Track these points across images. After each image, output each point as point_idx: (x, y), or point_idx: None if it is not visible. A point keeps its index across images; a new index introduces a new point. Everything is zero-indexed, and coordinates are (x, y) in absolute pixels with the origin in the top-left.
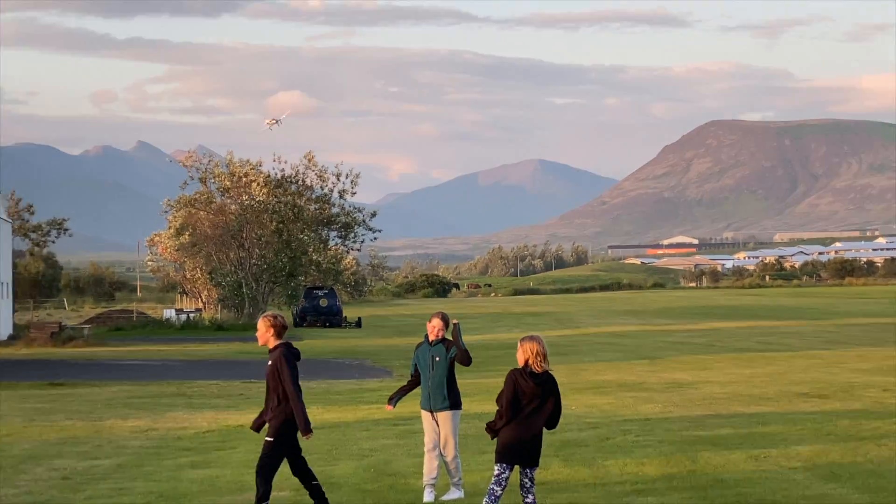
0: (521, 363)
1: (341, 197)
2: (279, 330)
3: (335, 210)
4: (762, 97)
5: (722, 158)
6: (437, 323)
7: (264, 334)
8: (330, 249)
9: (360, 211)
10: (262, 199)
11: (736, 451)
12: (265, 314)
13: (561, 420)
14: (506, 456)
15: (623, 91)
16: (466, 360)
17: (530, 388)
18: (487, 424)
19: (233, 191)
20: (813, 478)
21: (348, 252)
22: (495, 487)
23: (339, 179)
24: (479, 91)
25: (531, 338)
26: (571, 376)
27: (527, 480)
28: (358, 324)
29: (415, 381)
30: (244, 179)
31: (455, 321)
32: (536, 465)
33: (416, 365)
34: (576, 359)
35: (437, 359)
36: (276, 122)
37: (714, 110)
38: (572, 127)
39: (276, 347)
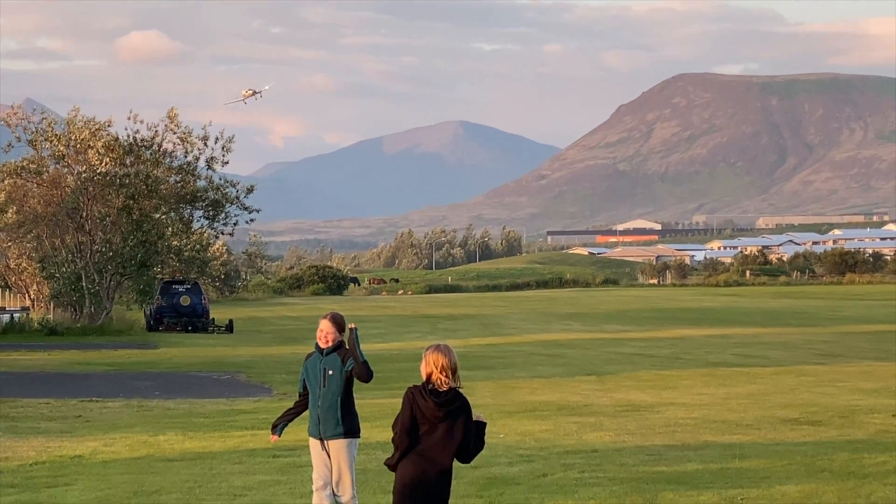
0: (424, 378)
1: (209, 167)
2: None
3: (201, 183)
4: (743, 45)
5: (692, 122)
6: (325, 326)
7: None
8: (194, 233)
9: (233, 185)
10: (105, 168)
11: (706, 492)
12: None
13: (484, 451)
14: (405, 498)
15: (568, 35)
16: (366, 375)
17: (430, 409)
18: (386, 461)
19: (70, 158)
20: None
21: (217, 237)
22: None
23: (206, 145)
24: (385, 34)
25: (436, 347)
26: (500, 396)
27: None
28: (229, 328)
29: (304, 402)
30: (80, 144)
31: (351, 325)
32: None
33: (304, 381)
34: (506, 374)
35: (331, 373)
36: (255, 94)
37: (683, 61)
38: (503, 81)
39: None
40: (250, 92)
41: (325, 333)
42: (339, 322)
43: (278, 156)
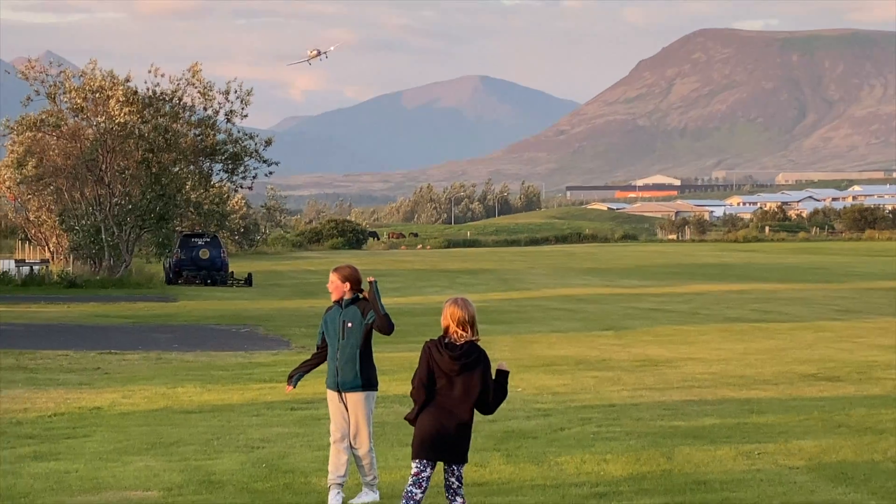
0: (443, 331)
1: (228, 120)
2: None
3: (221, 137)
4: (764, 1)
5: (712, 78)
6: (333, 279)
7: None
8: (213, 187)
9: (252, 138)
10: (124, 120)
11: (723, 447)
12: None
13: (502, 405)
14: (423, 451)
15: None
16: (387, 328)
17: (446, 363)
18: (406, 416)
19: (88, 110)
20: (819, 480)
21: (236, 190)
22: (413, 489)
23: (226, 98)
24: None
25: (454, 301)
26: (518, 350)
27: (453, 480)
28: (248, 281)
29: (322, 355)
30: (100, 96)
31: (371, 278)
32: (464, 461)
33: (323, 333)
34: (524, 328)
35: (350, 325)
36: (321, 54)
37: (703, 16)
38: (523, 36)
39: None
40: (315, 52)
41: (331, 286)
42: (344, 274)
43: (298, 110)
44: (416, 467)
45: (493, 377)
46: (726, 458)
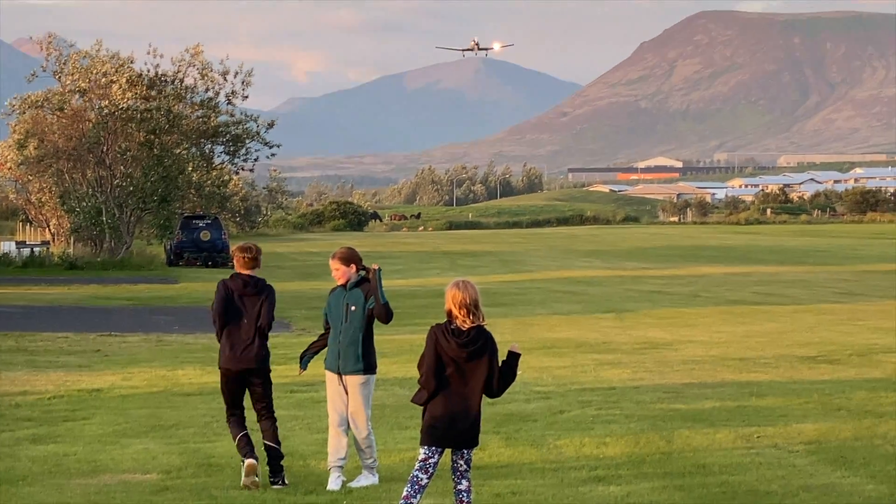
0: (446, 316)
1: (229, 102)
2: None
3: (223, 118)
4: None
5: (714, 59)
6: (332, 266)
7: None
8: (215, 168)
9: (253, 119)
10: (126, 103)
11: (723, 430)
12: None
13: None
14: (434, 437)
15: None
16: (385, 317)
17: (454, 350)
18: (413, 399)
19: (91, 92)
20: (818, 463)
21: (238, 172)
22: (420, 475)
23: (226, 79)
24: None
25: (456, 283)
26: (519, 333)
27: (461, 463)
28: None
29: (328, 336)
30: (104, 79)
31: (375, 266)
32: (474, 445)
33: (327, 315)
34: (525, 311)
35: (353, 308)
36: (480, 49)
37: None
38: (525, 17)
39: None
40: (476, 44)
41: (335, 273)
42: (345, 258)
43: (300, 91)
44: (425, 453)
45: (504, 359)
46: (726, 442)
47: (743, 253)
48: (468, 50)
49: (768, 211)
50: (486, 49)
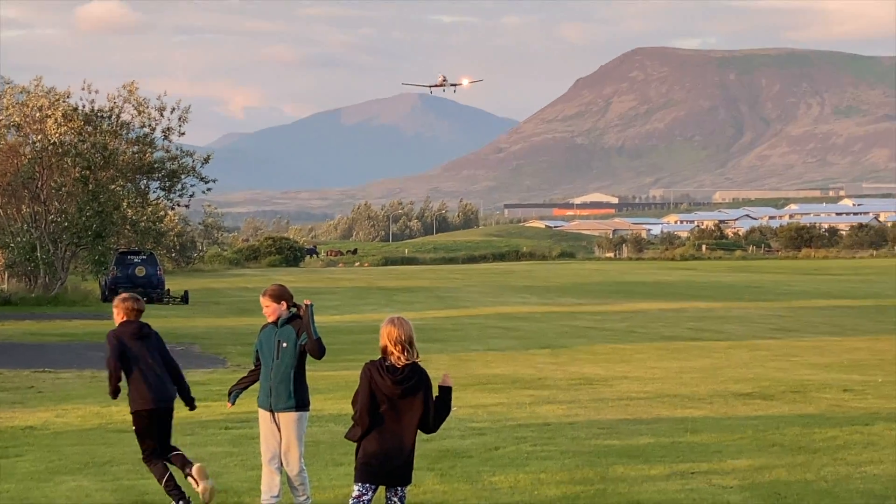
0: (381, 352)
1: (166, 137)
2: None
3: (158, 154)
4: (701, 19)
5: (650, 96)
6: (266, 303)
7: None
8: (150, 204)
9: (189, 155)
10: (60, 138)
11: (657, 466)
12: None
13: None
14: (368, 474)
15: (527, 8)
16: (318, 352)
17: (388, 387)
18: (347, 435)
19: (26, 127)
20: (752, 499)
21: (174, 208)
22: None
23: (162, 115)
24: (344, 5)
25: (391, 320)
26: (454, 369)
27: (396, 500)
28: (184, 299)
29: (258, 372)
30: (39, 114)
31: (307, 301)
32: (408, 482)
33: (258, 352)
34: (460, 346)
35: (285, 345)
36: (448, 85)
37: (641, 35)
38: (461, 53)
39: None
40: (444, 80)
41: (266, 310)
42: (275, 295)
43: (236, 127)
44: (359, 490)
45: (437, 394)
46: (660, 477)
47: (678, 289)
48: (436, 86)
49: (703, 247)
50: (454, 85)
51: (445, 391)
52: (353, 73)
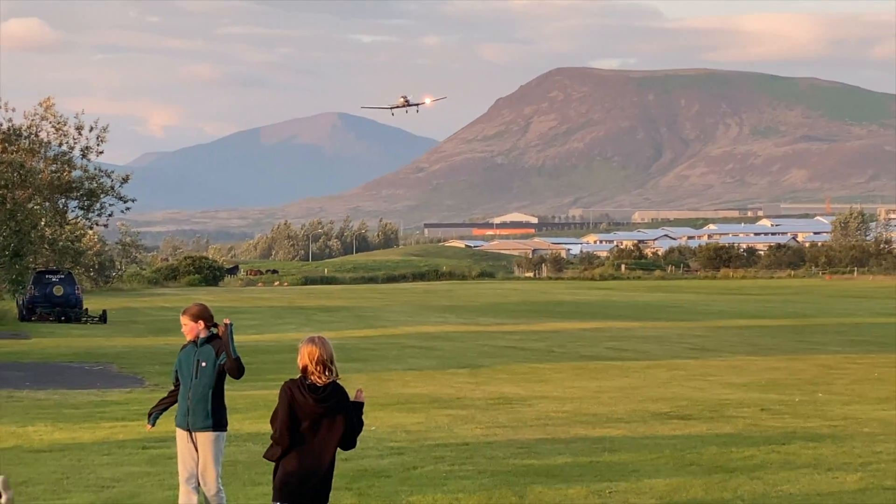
0: (300, 371)
1: (84, 156)
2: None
3: (77, 173)
4: (621, 40)
5: (569, 116)
6: (185, 321)
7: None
8: (69, 223)
9: (108, 175)
10: None
11: (575, 485)
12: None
13: (357, 443)
14: (286, 493)
15: (446, 28)
16: (237, 372)
17: (310, 406)
18: (266, 455)
19: None
20: None
21: (92, 227)
22: None
23: (80, 134)
24: (263, 24)
25: (311, 339)
26: (373, 388)
27: None
28: (102, 318)
29: (178, 392)
30: None
31: (227, 320)
32: (326, 502)
33: (177, 371)
34: (379, 366)
35: (204, 364)
36: (410, 105)
37: (560, 55)
38: (381, 73)
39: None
40: (405, 101)
41: (185, 329)
42: (195, 314)
43: (155, 145)
44: None
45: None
46: (578, 497)
47: (597, 308)
48: (397, 107)
49: (623, 267)
50: (416, 104)
51: (358, 406)
52: (274, 92)
